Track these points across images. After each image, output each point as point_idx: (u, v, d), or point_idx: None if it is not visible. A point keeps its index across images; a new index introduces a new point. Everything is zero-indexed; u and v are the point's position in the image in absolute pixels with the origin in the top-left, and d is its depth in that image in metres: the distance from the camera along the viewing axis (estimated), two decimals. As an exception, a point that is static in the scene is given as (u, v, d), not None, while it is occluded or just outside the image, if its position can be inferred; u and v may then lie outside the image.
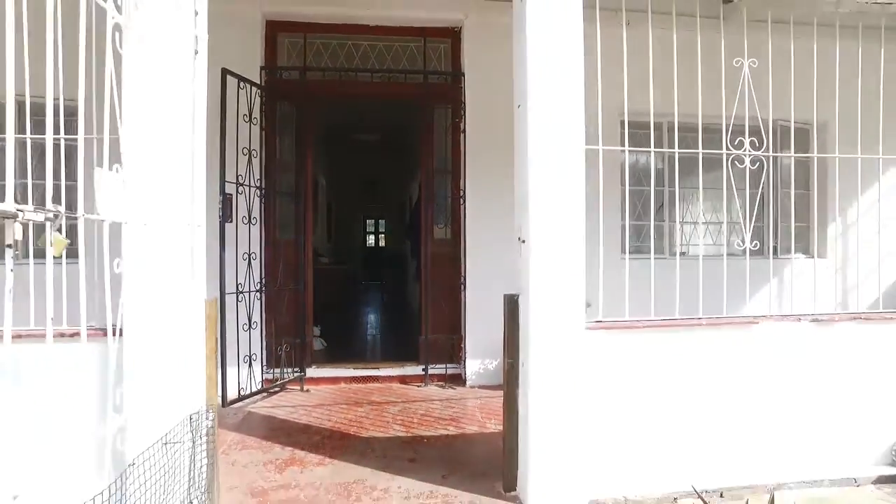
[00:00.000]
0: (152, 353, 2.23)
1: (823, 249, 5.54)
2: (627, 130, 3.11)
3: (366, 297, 6.33)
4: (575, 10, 2.62)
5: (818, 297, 5.28)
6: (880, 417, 3.09)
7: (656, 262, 3.04)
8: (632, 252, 4.00)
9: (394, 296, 6.26)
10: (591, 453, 2.70)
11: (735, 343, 2.94)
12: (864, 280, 5.34)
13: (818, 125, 5.06)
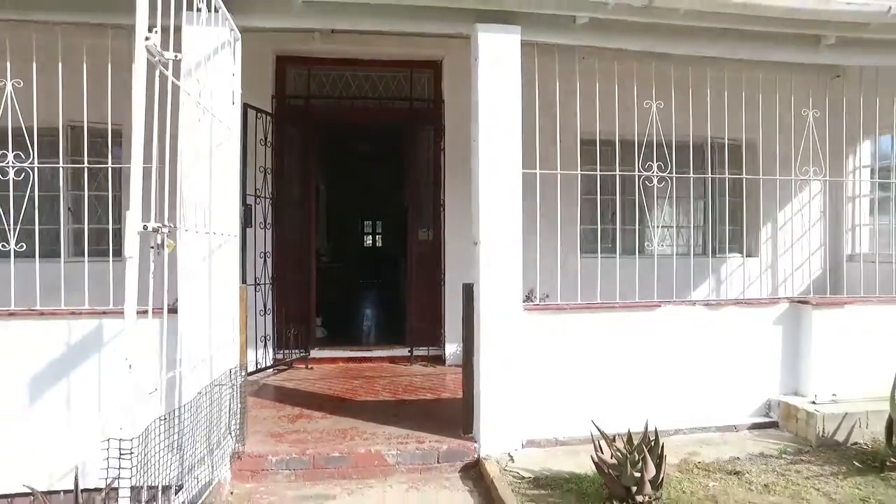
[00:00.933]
0: (206, 325, 3.08)
1: (756, 249, 6.40)
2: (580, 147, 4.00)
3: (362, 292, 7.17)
4: (513, 76, 3.50)
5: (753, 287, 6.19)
6: (756, 379, 3.97)
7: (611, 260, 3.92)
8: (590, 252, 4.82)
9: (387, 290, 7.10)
10: (528, 405, 3.57)
11: (643, 322, 3.81)
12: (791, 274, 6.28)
13: (747, 143, 5.91)
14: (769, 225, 6.37)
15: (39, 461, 3.09)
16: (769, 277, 6.38)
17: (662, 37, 3.77)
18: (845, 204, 6.38)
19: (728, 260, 6.25)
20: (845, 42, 3.96)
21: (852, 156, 6.30)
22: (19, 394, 3.14)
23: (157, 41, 1.88)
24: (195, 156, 2.94)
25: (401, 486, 3.28)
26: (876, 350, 3.96)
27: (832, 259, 6.36)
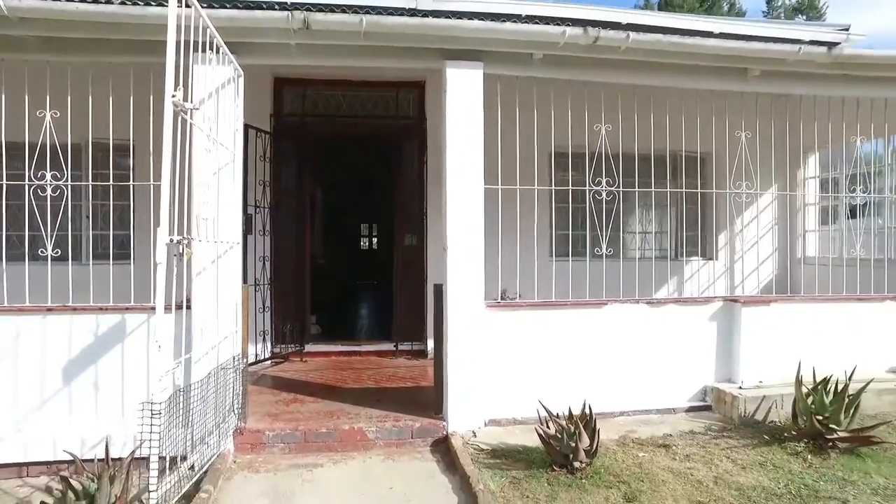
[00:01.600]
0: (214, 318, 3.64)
1: (714, 253, 6.96)
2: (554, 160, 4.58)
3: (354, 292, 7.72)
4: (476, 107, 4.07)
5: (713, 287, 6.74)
6: (694, 368, 4.53)
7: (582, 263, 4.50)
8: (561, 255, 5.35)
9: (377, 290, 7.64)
10: (490, 390, 4.12)
11: (591, 317, 4.37)
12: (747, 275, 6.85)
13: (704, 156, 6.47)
14: (726, 231, 6.93)
15: (74, 434, 3.64)
16: (727, 279, 6.94)
17: (607, 69, 4.35)
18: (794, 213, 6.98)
19: (690, 263, 6.81)
20: (768, 74, 4.54)
21: (800, 169, 6.91)
22: (56, 377, 3.70)
23: (180, 97, 2.44)
24: (204, 177, 3.50)
25: (378, 457, 3.83)
26: (796, 342, 4.51)
27: (786, 262, 6.97)
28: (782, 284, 6.94)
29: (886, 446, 3.66)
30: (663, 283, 6.57)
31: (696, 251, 6.93)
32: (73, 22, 3.55)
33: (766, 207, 6.96)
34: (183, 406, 3.05)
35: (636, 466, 3.49)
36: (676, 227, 6.90)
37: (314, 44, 3.89)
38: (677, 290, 6.64)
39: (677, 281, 6.73)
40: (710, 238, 6.85)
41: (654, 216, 6.95)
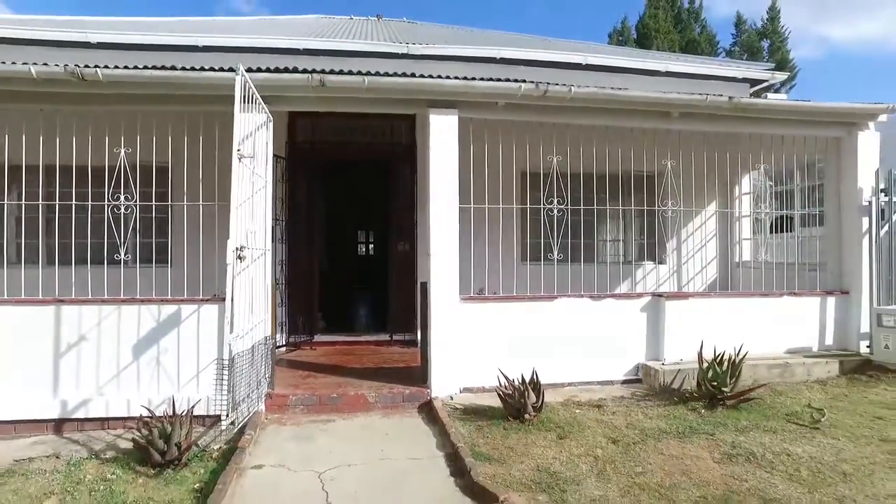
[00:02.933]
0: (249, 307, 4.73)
1: (664, 258, 8.10)
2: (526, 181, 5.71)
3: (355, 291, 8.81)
4: (452, 144, 5.20)
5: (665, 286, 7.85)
6: (630, 349, 5.65)
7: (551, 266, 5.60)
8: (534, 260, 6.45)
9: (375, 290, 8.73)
10: (465, 364, 5.23)
11: (544, 308, 5.49)
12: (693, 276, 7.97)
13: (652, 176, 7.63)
14: (675, 239, 8.08)
15: (142, 397, 4.72)
16: (675, 280, 8.08)
17: (557, 113, 5.48)
18: (732, 224, 8.15)
19: (643, 266, 7.96)
20: (685, 115, 5.69)
21: (737, 186, 8.08)
22: (127, 353, 4.78)
23: (243, 150, 3.56)
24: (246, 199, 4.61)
25: (377, 415, 4.93)
26: (710, 328, 5.61)
27: (726, 265, 8.13)
28: (724, 283, 8.14)
29: (760, 402, 4.79)
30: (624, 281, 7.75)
31: (650, 257, 8.08)
32: (147, 84, 4.67)
33: (708, 219, 8.13)
34: (228, 368, 4.15)
35: (572, 418, 4.60)
36: (632, 237, 8.09)
37: (328, 96, 5.03)
38: (632, 288, 7.78)
39: (632, 281, 7.87)
40: (660, 246, 7.99)
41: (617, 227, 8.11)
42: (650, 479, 3.47)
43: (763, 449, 3.85)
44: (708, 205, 7.87)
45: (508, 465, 3.70)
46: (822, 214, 6.61)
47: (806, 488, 3.30)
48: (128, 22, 8.81)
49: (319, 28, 10.40)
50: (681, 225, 7.94)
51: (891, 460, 3.66)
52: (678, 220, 7.69)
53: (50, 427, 4.70)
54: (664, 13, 20.60)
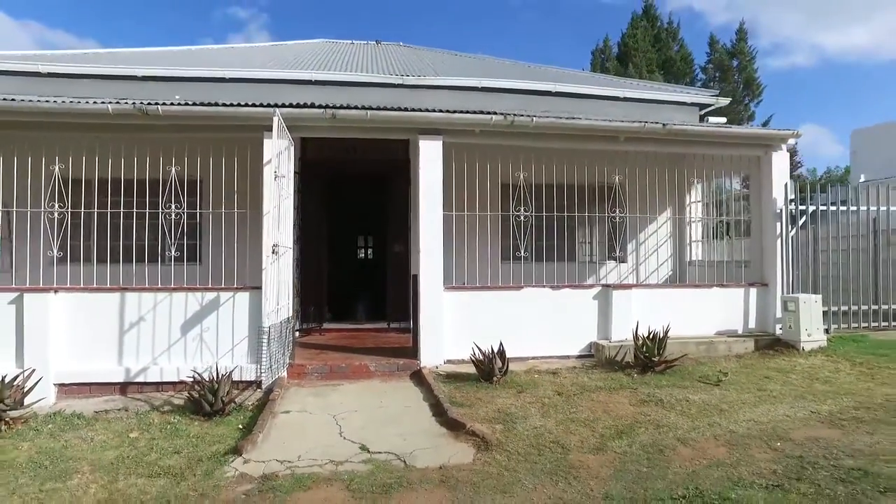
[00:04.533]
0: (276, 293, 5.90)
1: (625, 257, 9.30)
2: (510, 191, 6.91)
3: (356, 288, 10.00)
4: (437, 165, 6.38)
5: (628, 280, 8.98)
6: (584, 330, 6.82)
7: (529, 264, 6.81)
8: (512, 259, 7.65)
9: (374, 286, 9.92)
10: (447, 341, 6.40)
11: (512, 296, 6.68)
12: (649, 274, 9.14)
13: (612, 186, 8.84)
14: (634, 241, 9.29)
15: (188, 365, 5.86)
16: (634, 275, 9.28)
17: (523, 138, 6.68)
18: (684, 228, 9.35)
19: (607, 264, 9.16)
20: (630, 139, 6.89)
21: (687, 195, 9.29)
22: (177, 330, 5.94)
23: (275, 165, 4.74)
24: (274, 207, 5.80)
25: (377, 380, 6.10)
26: (650, 313, 6.79)
27: (678, 263, 9.33)
28: (679, 278, 9.34)
29: (682, 369, 5.98)
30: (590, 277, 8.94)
31: (613, 256, 9.28)
32: (195, 116, 5.87)
33: (663, 224, 9.34)
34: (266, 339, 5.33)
35: (530, 380, 5.78)
36: (596, 239, 9.30)
37: (338, 125, 6.22)
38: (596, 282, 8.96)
39: (596, 277, 9.07)
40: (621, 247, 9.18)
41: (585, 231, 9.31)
42: (580, 415, 4.66)
43: (670, 397, 5.04)
44: (663, 211, 9.10)
45: (476, 408, 4.88)
46: (749, 220, 7.83)
47: (690, 419, 4.49)
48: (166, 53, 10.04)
49: (325, 54, 11.63)
50: (638, 229, 9.18)
51: (758, 401, 4.86)
52: (636, 225, 8.95)
53: (116, 389, 5.86)
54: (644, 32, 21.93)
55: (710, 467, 3.67)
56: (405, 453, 4.02)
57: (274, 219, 5.46)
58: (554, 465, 3.79)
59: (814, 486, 3.25)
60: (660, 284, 8.11)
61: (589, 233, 9.31)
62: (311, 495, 3.42)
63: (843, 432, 4.17)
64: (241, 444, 4.14)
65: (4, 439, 4.45)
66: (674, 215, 9.21)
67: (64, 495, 3.48)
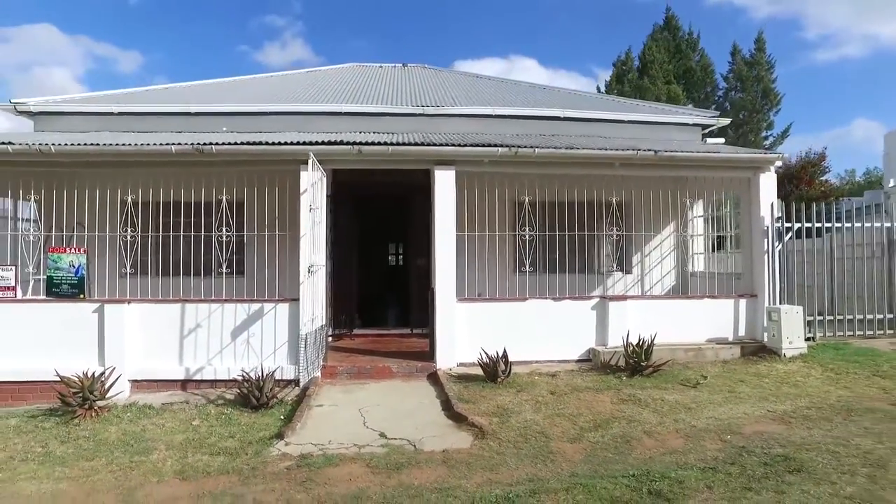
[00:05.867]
0: (311, 305, 6.86)
1: (630, 269, 9.99)
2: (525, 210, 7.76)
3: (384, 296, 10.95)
4: (451, 192, 7.26)
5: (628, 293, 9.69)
6: (583, 337, 7.57)
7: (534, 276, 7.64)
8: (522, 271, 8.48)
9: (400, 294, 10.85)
10: (459, 346, 7.25)
11: (518, 307, 7.48)
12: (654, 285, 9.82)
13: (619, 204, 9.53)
14: (639, 253, 9.97)
15: (238, 367, 6.86)
16: (639, 286, 9.96)
17: (528, 166, 7.49)
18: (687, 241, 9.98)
19: (614, 275, 9.86)
20: (625, 165, 7.61)
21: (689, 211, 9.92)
22: (227, 335, 6.95)
23: (309, 196, 5.69)
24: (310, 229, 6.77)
25: (398, 380, 6.98)
26: (644, 322, 7.47)
27: (682, 274, 9.96)
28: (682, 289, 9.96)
29: (669, 373, 6.67)
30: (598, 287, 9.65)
31: (618, 267, 9.97)
32: (243, 153, 6.89)
33: (667, 237, 9.99)
34: (303, 344, 6.28)
35: (530, 381, 6.57)
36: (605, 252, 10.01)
37: (364, 158, 7.16)
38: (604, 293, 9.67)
39: (604, 288, 9.77)
40: (626, 259, 9.88)
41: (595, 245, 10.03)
42: (566, 411, 5.45)
43: (648, 397, 5.78)
44: (667, 225, 9.77)
45: (479, 404, 5.72)
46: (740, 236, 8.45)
47: (660, 415, 5.24)
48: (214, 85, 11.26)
49: (355, 79, 12.66)
50: (644, 242, 9.85)
51: (725, 401, 5.56)
52: (641, 238, 9.63)
53: (178, 385, 6.90)
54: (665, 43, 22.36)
55: (665, 454, 4.43)
56: (416, 440, 4.89)
57: (309, 242, 6.42)
58: (536, 450, 4.60)
59: (740, 468, 3.97)
60: (654, 296, 8.80)
61: (595, 247, 10.02)
62: (338, 470, 4.32)
63: (788, 428, 4.85)
64: (283, 431, 5.09)
65: (96, 423, 5.51)
66: (677, 229, 9.84)
67: (149, 466, 4.48)
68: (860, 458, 3.93)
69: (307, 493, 3.96)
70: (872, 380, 6.14)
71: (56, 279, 6.87)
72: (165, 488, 4.11)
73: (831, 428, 4.76)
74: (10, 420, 5.66)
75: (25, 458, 4.69)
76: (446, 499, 3.73)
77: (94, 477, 4.31)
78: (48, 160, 6.80)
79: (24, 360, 6.51)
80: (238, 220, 7.51)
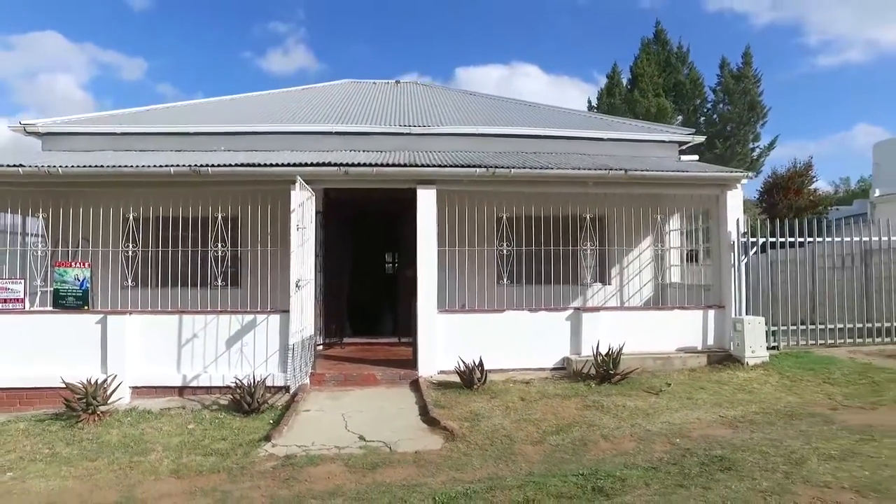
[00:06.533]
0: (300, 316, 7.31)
1: (609, 279, 10.43)
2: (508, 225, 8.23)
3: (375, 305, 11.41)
4: (432, 210, 7.72)
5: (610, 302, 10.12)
6: (558, 347, 8.00)
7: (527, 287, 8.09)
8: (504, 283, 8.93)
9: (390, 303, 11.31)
10: (440, 355, 7.69)
11: (496, 318, 7.92)
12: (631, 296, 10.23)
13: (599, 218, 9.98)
14: (618, 265, 10.41)
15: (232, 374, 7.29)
16: (618, 297, 10.39)
17: (505, 185, 7.94)
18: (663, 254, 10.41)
19: (594, 286, 10.30)
20: (598, 183, 8.06)
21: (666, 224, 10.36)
22: (222, 345, 7.39)
23: (298, 215, 6.16)
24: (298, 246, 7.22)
25: (382, 387, 7.42)
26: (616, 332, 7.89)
27: (658, 285, 10.39)
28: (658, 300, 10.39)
29: (636, 380, 7.09)
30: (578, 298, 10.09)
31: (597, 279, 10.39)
32: (237, 174, 7.36)
33: (646, 249, 10.42)
34: (292, 353, 6.72)
35: (504, 388, 7.00)
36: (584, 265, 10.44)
37: (350, 179, 7.63)
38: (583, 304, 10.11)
39: (583, 298, 10.20)
40: (606, 271, 10.31)
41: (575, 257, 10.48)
42: (533, 416, 5.88)
43: (611, 403, 6.21)
44: (646, 237, 10.21)
45: (453, 409, 6.16)
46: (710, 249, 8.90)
47: (619, 420, 5.67)
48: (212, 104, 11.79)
49: (349, 97, 13.17)
50: (623, 254, 10.30)
51: (681, 407, 5.99)
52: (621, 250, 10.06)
53: (175, 391, 7.33)
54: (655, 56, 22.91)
55: (616, 456, 4.86)
56: (392, 442, 5.32)
57: (298, 258, 6.87)
58: (500, 452, 5.04)
59: (679, 468, 4.39)
60: (626, 307, 9.24)
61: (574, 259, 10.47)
62: (319, 469, 4.75)
63: (733, 431, 5.28)
64: (271, 433, 5.53)
65: (98, 427, 5.96)
66: (654, 242, 10.27)
67: (146, 465, 4.92)
68: (783, 458, 4.35)
69: (289, 490, 4.39)
70: (822, 387, 6.57)
71: (62, 292, 7.33)
72: (161, 485, 4.55)
73: (771, 431, 5.18)
74: (20, 424, 6.11)
75: (34, 458, 5.14)
76: (411, 494, 4.16)
77: (96, 476, 4.75)
78: (55, 181, 7.28)
79: (32, 368, 6.96)
80: (233, 235, 7.99)
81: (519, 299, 8.52)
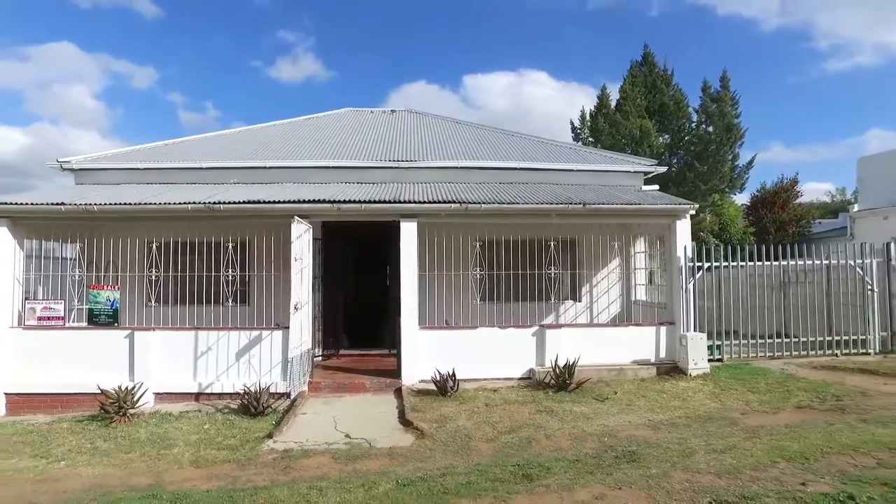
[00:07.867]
0: (300, 331, 8.46)
1: (579, 297, 11.52)
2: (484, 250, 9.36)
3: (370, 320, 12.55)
4: (413, 240, 8.86)
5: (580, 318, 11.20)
6: (524, 359, 9.09)
7: (506, 304, 9.21)
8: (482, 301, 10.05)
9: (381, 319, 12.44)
10: (421, 367, 8.80)
11: (471, 334, 9.03)
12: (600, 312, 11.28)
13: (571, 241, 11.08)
14: (588, 284, 11.51)
15: (240, 382, 8.43)
16: (588, 313, 11.47)
17: (478, 217, 9.06)
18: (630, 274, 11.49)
19: (565, 303, 11.40)
20: (560, 215, 9.16)
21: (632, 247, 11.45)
22: (233, 356, 8.55)
23: (296, 248, 7.32)
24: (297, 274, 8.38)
25: (370, 394, 8.53)
26: (576, 347, 8.99)
27: (626, 303, 11.48)
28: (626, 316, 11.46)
29: (589, 389, 8.14)
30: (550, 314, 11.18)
31: (570, 296, 11.49)
32: (245, 209, 8.54)
33: (614, 269, 11.51)
34: (292, 364, 7.86)
35: (473, 395, 8.10)
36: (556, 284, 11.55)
37: (342, 213, 8.79)
38: (556, 320, 11.21)
39: (556, 315, 11.30)
40: (577, 289, 11.40)
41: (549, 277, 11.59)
42: (492, 419, 6.98)
43: (560, 409, 7.30)
44: (613, 259, 11.30)
45: (426, 413, 7.27)
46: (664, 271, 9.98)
47: (563, 423, 6.75)
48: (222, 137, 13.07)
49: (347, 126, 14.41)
50: (593, 274, 11.39)
51: (619, 412, 7.07)
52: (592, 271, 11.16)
53: (192, 397, 8.49)
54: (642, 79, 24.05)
55: (553, 451, 5.94)
56: (372, 439, 6.44)
57: (297, 284, 8.04)
58: (459, 447, 6.14)
59: (596, 460, 5.47)
60: (586, 324, 10.36)
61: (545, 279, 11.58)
62: (310, 461, 5.87)
63: (655, 432, 6.35)
64: (273, 432, 6.66)
65: (128, 427, 7.12)
66: (622, 263, 11.36)
67: (171, 457, 6.07)
68: (679, 452, 5.41)
69: (286, 476, 5.51)
70: (744, 395, 7.62)
71: (96, 311, 8.53)
72: (184, 472, 5.69)
73: (684, 432, 6.25)
74: (63, 424, 7.29)
75: (80, 451, 6.30)
76: (381, 479, 5.26)
77: (131, 465, 5.90)
78: (90, 215, 8.49)
79: (71, 376, 8.15)
80: (242, 259, 9.17)
81: (498, 316, 9.60)
